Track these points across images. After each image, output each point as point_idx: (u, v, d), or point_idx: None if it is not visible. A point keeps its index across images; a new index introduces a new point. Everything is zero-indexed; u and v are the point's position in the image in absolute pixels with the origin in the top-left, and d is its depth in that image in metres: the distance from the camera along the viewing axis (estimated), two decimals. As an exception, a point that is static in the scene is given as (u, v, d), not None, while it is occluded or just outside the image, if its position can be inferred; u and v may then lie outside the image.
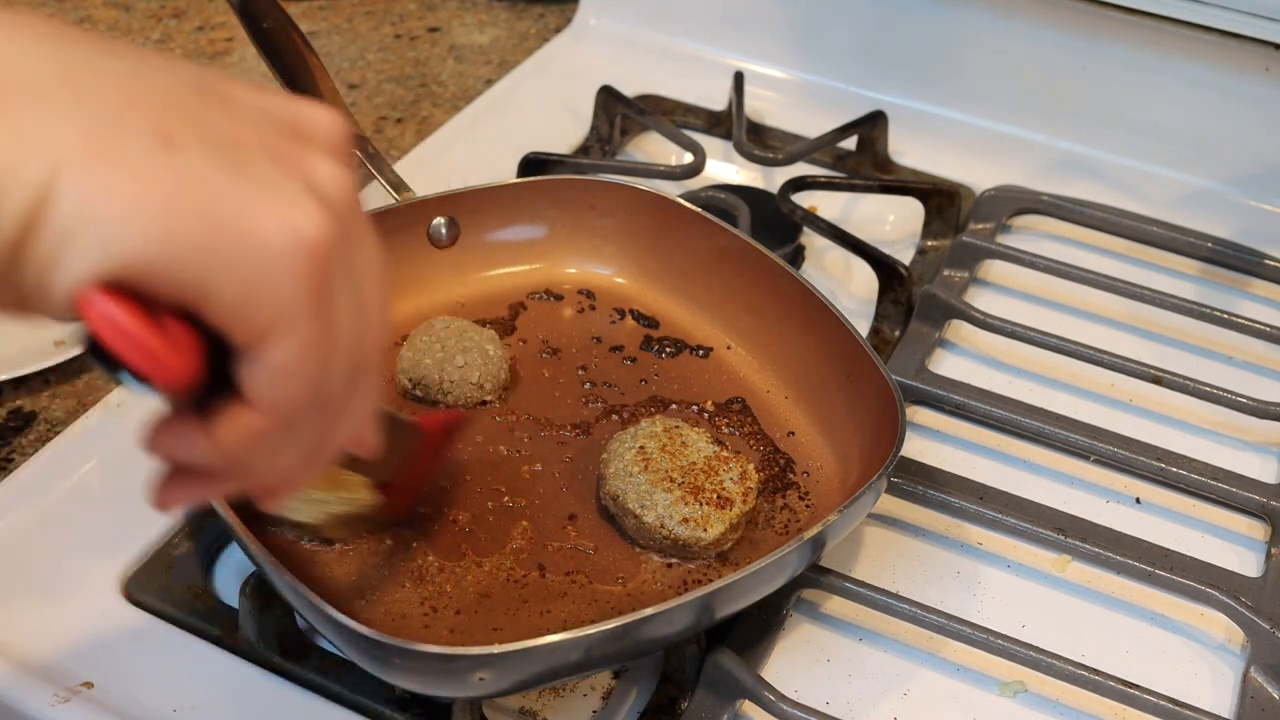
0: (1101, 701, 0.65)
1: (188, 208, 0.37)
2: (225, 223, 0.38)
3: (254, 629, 0.64)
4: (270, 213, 0.39)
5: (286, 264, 0.39)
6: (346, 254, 0.42)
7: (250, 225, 0.38)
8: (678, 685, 0.64)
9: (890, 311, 0.87)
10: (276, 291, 0.39)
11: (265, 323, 0.39)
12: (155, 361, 0.38)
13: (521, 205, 0.84)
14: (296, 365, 0.41)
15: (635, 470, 0.68)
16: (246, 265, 0.38)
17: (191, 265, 0.38)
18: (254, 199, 0.38)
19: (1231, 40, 0.96)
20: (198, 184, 0.38)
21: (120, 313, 0.37)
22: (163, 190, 0.37)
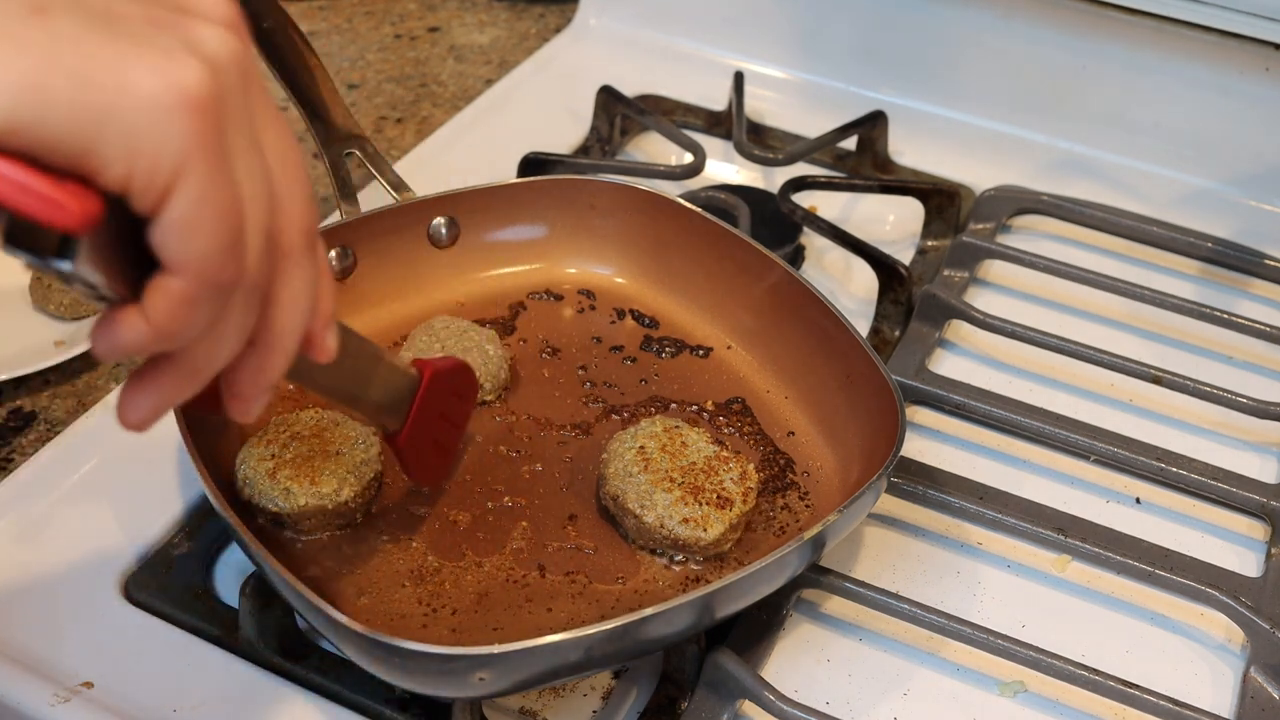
0: (1101, 701, 0.65)
1: (61, 68, 0.37)
2: (100, 81, 0.38)
3: (254, 629, 0.64)
4: (146, 68, 0.39)
5: (166, 115, 0.39)
6: (239, 114, 0.42)
7: (126, 80, 0.38)
8: (678, 685, 0.64)
9: (890, 311, 0.87)
10: (162, 143, 0.39)
11: (159, 180, 0.40)
12: (50, 203, 0.38)
13: (521, 205, 0.84)
14: (198, 216, 0.41)
15: (635, 470, 0.68)
16: (127, 121, 0.38)
17: (71, 126, 0.38)
18: (129, 57, 0.39)
19: (1231, 40, 0.96)
20: (71, 46, 0.38)
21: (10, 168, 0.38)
22: (34, 53, 0.37)
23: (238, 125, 0.42)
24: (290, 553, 0.66)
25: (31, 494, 0.72)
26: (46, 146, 0.38)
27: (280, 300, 0.46)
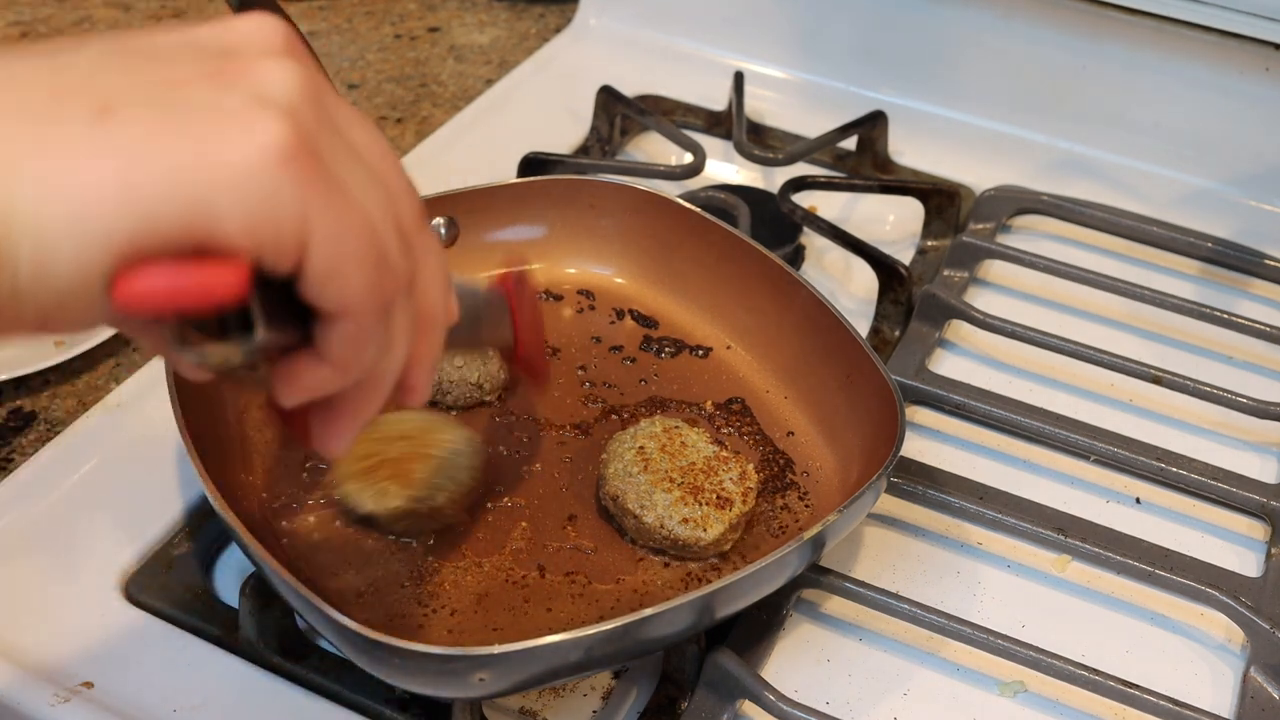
0: (1101, 701, 0.65)
1: (146, 167, 0.36)
2: (189, 167, 0.37)
3: (254, 629, 0.64)
4: (228, 139, 0.37)
5: (267, 179, 0.38)
6: (328, 135, 0.41)
7: (213, 159, 0.37)
8: (678, 685, 0.64)
9: (890, 311, 0.87)
10: (275, 206, 0.38)
11: (288, 240, 0.39)
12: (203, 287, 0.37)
13: (521, 205, 0.84)
14: (340, 257, 0.40)
15: (635, 470, 0.68)
16: (232, 198, 0.37)
17: (180, 220, 0.37)
18: (207, 133, 0.37)
19: (1231, 40, 0.96)
20: (147, 140, 0.37)
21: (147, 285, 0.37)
22: (116, 159, 0.36)
23: (332, 146, 0.41)
24: (290, 553, 0.66)
25: (31, 494, 0.72)
26: (169, 244, 0.37)
27: (423, 285, 0.45)
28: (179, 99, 0.38)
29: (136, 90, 0.38)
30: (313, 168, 0.39)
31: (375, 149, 0.43)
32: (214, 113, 0.38)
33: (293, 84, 0.40)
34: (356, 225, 0.40)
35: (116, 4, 1.22)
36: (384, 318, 0.43)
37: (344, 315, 0.41)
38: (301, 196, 0.38)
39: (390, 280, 0.42)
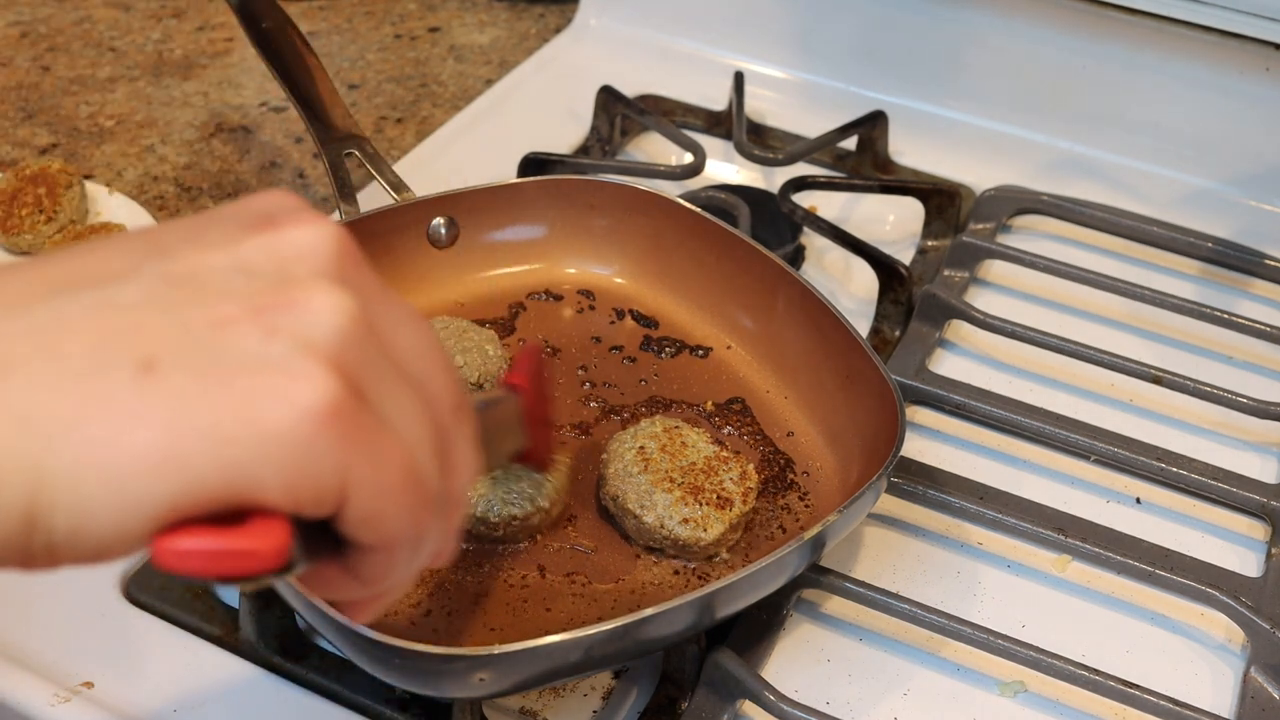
0: (1101, 701, 0.65)
1: (189, 431, 0.36)
2: (232, 432, 0.36)
3: (254, 629, 0.64)
4: (270, 398, 0.36)
5: (308, 441, 0.37)
6: (376, 369, 0.40)
7: (257, 423, 0.36)
8: (678, 685, 0.64)
9: (890, 311, 0.87)
10: (315, 466, 0.37)
11: (328, 495, 0.38)
12: (243, 558, 0.37)
13: (521, 205, 0.84)
14: (378, 503, 0.39)
15: (635, 470, 0.68)
16: (273, 461, 0.37)
17: (222, 484, 0.36)
18: (250, 391, 0.36)
19: (1231, 40, 0.96)
20: (190, 402, 0.36)
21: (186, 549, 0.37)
22: (159, 422, 0.35)
23: (378, 380, 0.39)
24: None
25: (31, 494, 0.72)
26: (209, 506, 0.36)
27: (455, 475, 0.44)
28: (222, 349, 0.37)
29: (181, 338, 0.37)
30: (354, 423, 0.38)
31: (419, 350, 0.42)
32: (256, 369, 0.37)
33: (341, 322, 0.38)
34: (396, 468, 0.40)
35: (116, 4, 1.22)
36: (419, 539, 0.42)
37: (378, 548, 0.41)
38: (342, 454, 0.38)
39: (426, 508, 0.41)
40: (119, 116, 1.07)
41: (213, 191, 0.99)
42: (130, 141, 1.04)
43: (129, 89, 1.11)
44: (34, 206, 0.88)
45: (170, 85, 1.11)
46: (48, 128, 1.05)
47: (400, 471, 0.40)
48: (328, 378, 0.37)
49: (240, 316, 0.37)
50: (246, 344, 0.37)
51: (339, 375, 0.38)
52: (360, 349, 0.39)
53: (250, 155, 1.03)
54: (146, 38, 1.18)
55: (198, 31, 1.19)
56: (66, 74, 1.12)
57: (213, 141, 1.05)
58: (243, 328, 0.37)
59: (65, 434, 0.35)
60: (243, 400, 0.36)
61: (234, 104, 1.09)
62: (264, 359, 0.37)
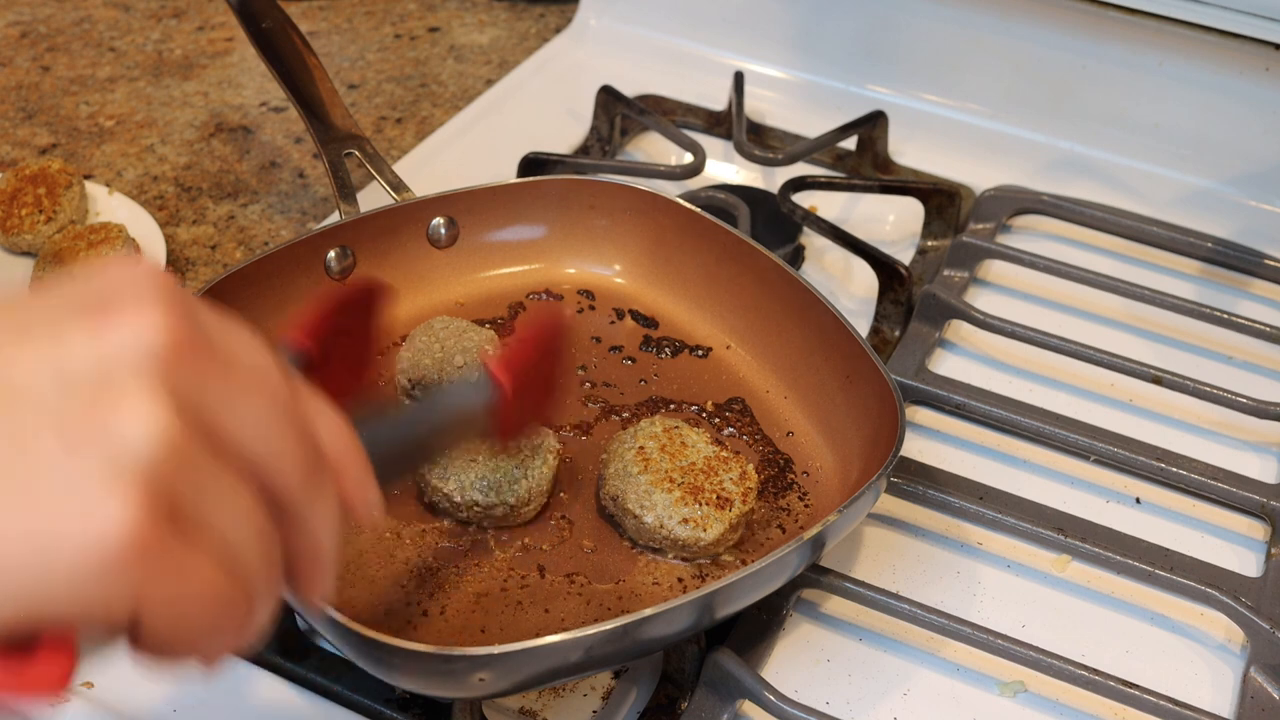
0: (1101, 701, 0.65)
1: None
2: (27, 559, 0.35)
3: (254, 629, 0.64)
4: (68, 523, 0.35)
5: (102, 567, 0.35)
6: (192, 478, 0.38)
7: (52, 549, 0.35)
8: (678, 685, 0.64)
9: (890, 311, 0.87)
10: (107, 593, 0.36)
11: (119, 618, 0.37)
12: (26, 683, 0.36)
13: (521, 205, 0.84)
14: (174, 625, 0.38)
15: (635, 470, 0.68)
16: (64, 586, 0.35)
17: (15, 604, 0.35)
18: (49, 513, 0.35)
19: (1231, 40, 0.96)
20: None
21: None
22: None
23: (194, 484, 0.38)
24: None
25: (31, 494, 0.72)
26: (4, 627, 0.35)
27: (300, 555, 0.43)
28: (26, 465, 0.35)
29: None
30: (155, 550, 0.36)
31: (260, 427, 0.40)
32: (58, 490, 0.35)
33: (152, 437, 0.36)
34: (198, 590, 0.38)
35: (116, 4, 1.22)
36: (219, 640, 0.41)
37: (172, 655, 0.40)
38: (136, 584, 0.36)
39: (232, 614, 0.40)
40: (119, 116, 1.07)
41: (212, 192, 0.99)
42: (130, 141, 1.04)
43: (129, 89, 1.11)
44: (34, 206, 0.89)
45: (170, 85, 1.11)
46: (48, 128, 1.05)
47: (204, 591, 0.38)
48: (126, 505, 0.35)
49: (48, 427, 0.36)
50: (47, 461, 0.35)
51: (143, 499, 0.36)
52: (174, 462, 0.37)
53: (250, 155, 1.03)
54: (146, 38, 1.18)
55: (198, 31, 1.19)
56: (66, 74, 1.12)
57: (213, 141, 1.05)
58: (46, 442, 0.36)
59: None
60: (41, 524, 0.35)
61: (234, 104, 1.09)
62: (66, 481, 0.35)
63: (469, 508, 0.67)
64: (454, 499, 0.67)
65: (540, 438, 0.69)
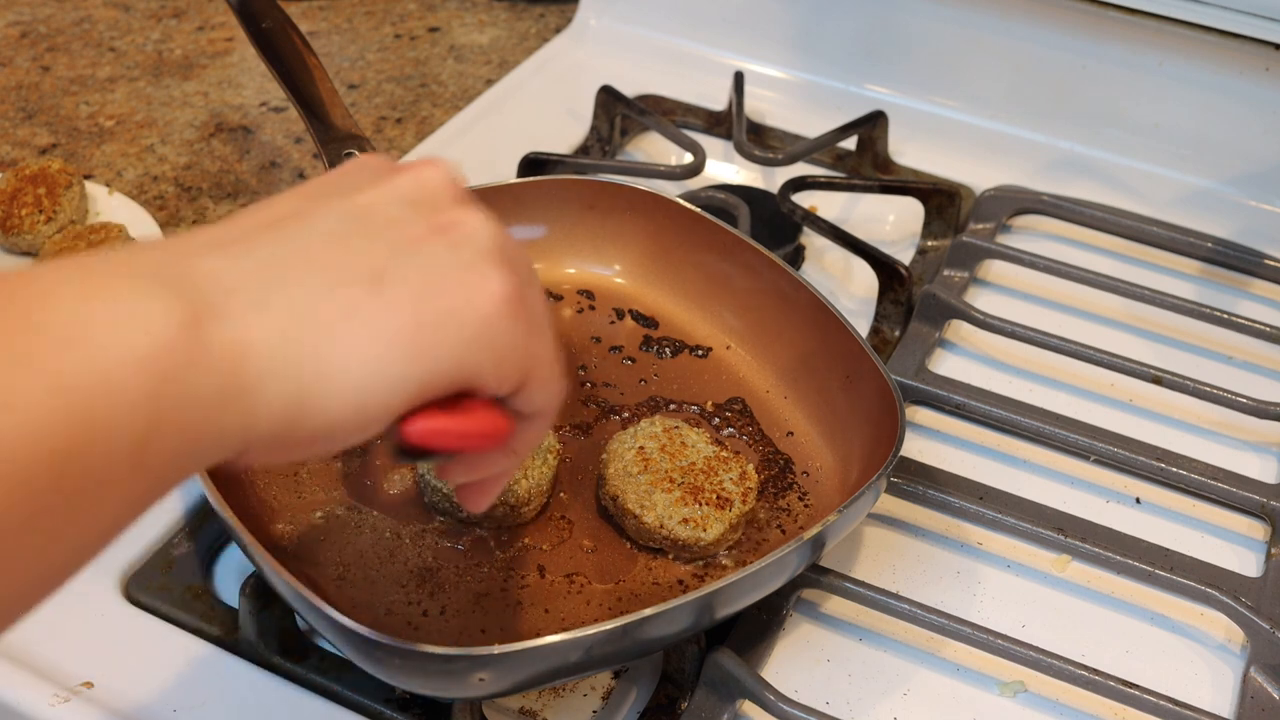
0: (1101, 701, 0.65)
1: (429, 323, 0.43)
2: (457, 319, 0.44)
3: (254, 629, 0.64)
4: (479, 294, 0.45)
5: (504, 324, 0.45)
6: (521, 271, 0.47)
7: (475, 313, 0.44)
8: (678, 685, 0.64)
9: (890, 311, 0.87)
10: (511, 346, 0.46)
11: (520, 374, 0.47)
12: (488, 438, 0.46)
13: (521, 205, 0.84)
14: (549, 376, 0.49)
15: (635, 470, 0.68)
16: (484, 343, 0.45)
17: (456, 364, 0.44)
18: (463, 287, 0.44)
19: (1231, 40, 0.96)
20: (421, 302, 0.43)
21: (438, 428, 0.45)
22: (406, 321, 0.43)
23: (525, 280, 0.47)
24: (289, 553, 0.66)
25: (31, 494, 0.72)
26: (444, 389, 0.44)
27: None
28: (425, 260, 0.44)
29: (391, 255, 0.44)
30: (525, 308, 0.46)
31: (520, 253, 0.49)
32: (456, 272, 0.45)
33: (495, 231, 0.47)
34: (552, 347, 0.49)
35: (116, 4, 1.22)
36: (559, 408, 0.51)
37: (542, 416, 0.50)
38: (525, 334, 0.46)
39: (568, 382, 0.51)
40: (119, 116, 1.07)
41: (213, 191, 0.99)
42: (130, 141, 1.04)
43: (129, 89, 1.11)
44: (34, 206, 0.89)
45: (170, 85, 1.11)
46: (48, 128, 1.05)
47: (554, 348, 0.49)
48: (504, 272, 0.45)
49: (426, 234, 0.45)
50: (440, 253, 0.45)
51: (511, 271, 0.46)
52: (512, 252, 0.47)
53: (250, 155, 1.03)
54: (146, 38, 1.18)
55: (198, 31, 1.19)
56: (66, 74, 1.12)
57: (213, 141, 1.05)
58: (431, 243, 0.45)
59: (330, 338, 0.41)
60: (455, 297, 0.44)
61: (234, 104, 1.09)
62: (457, 264, 0.45)
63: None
64: (453, 499, 0.67)
65: None
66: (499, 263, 0.46)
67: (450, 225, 0.46)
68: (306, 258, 0.43)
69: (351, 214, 0.45)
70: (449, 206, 0.47)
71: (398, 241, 0.44)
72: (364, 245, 0.44)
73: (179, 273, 0.40)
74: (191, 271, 0.40)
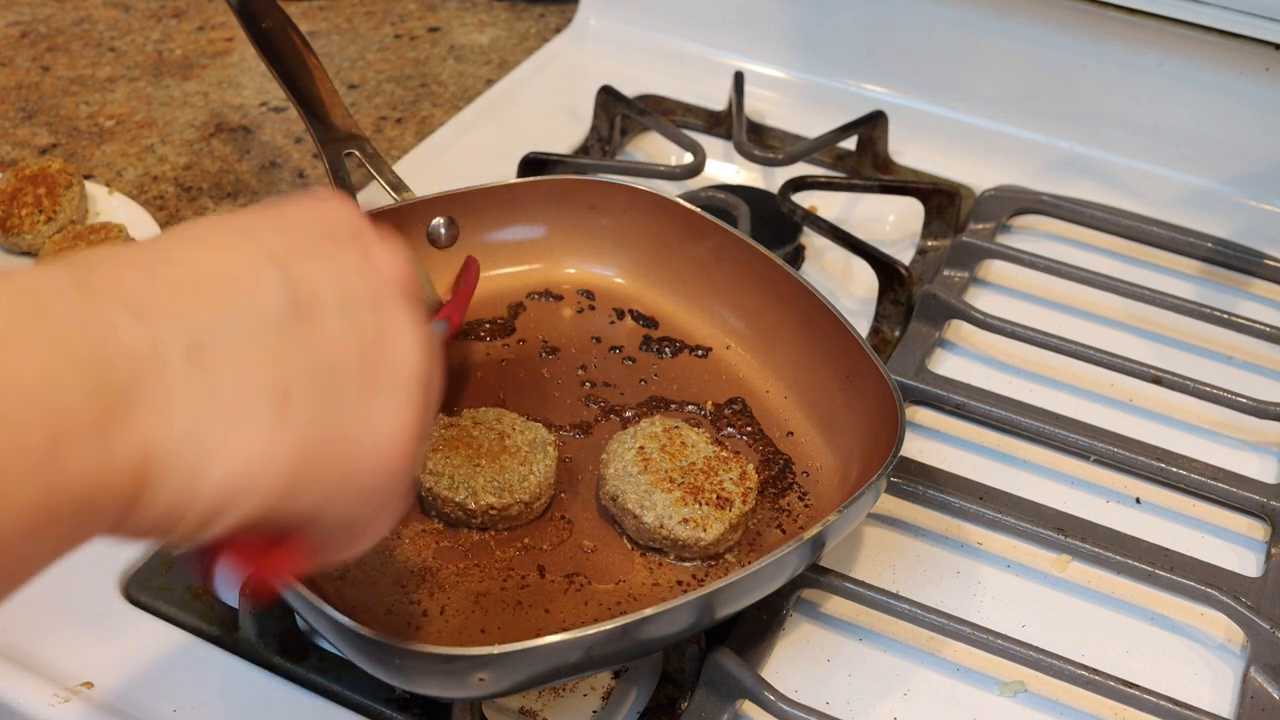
0: (1101, 701, 0.65)
1: (309, 459, 0.42)
2: (337, 465, 0.43)
3: (254, 629, 0.64)
4: (374, 441, 0.44)
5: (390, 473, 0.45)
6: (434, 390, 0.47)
7: (360, 461, 0.43)
8: (678, 685, 0.64)
9: (890, 311, 0.87)
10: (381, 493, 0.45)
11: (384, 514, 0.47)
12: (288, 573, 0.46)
13: (521, 205, 0.84)
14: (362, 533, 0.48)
15: (635, 470, 0.68)
16: (357, 490, 0.44)
17: (308, 505, 0.43)
18: (360, 429, 0.43)
19: (1231, 40, 0.96)
20: (315, 431, 0.42)
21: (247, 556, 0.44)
22: (290, 453, 0.42)
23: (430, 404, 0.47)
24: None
25: (31, 494, 0.72)
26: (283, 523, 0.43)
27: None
28: (339, 386, 0.43)
29: (309, 370, 0.43)
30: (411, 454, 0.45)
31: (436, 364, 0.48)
32: (364, 406, 0.44)
33: (422, 357, 0.46)
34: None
35: (116, 4, 1.22)
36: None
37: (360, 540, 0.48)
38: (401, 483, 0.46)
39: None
40: (119, 116, 1.07)
41: (212, 192, 0.99)
42: (130, 141, 1.04)
43: (129, 89, 1.11)
44: (34, 206, 0.88)
45: (170, 85, 1.11)
46: (48, 128, 1.05)
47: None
48: (410, 421, 0.44)
49: (351, 356, 0.44)
50: (358, 383, 0.44)
51: (416, 410, 0.45)
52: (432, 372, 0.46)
53: (250, 155, 1.03)
54: (146, 38, 1.18)
55: (198, 31, 1.19)
56: (66, 74, 1.12)
57: (213, 141, 1.05)
58: (353, 367, 0.44)
59: (217, 455, 0.40)
60: (352, 435, 0.43)
61: (234, 104, 1.09)
62: (368, 402, 0.44)
63: (484, 512, 0.67)
64: (468, 506, 0.66)
65: (534, 433, 0.70)
66: (409, 407, 0.45)
67: (381, 349, 0.45)
68: (232, 346, 0.41)
69: (292, 301, 0.43)
70: (390, 314, 0.45)
71: (320, 357, 0.43)
72: (285, 352, 0.42)
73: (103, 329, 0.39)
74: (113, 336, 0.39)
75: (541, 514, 0.69)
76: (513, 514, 0.67)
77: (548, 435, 0.70)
